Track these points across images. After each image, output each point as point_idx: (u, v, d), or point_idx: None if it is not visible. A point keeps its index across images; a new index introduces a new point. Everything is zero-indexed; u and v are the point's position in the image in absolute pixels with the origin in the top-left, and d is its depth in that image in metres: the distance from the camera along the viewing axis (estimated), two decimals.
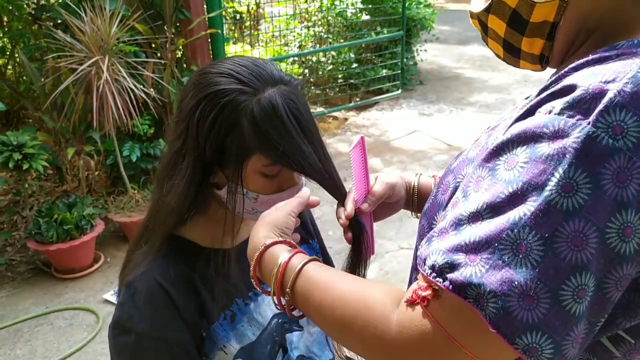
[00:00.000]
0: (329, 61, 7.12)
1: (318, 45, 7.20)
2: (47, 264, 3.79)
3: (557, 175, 0.57)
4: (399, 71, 7.34)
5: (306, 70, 7.05)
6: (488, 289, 0.58)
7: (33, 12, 4.36)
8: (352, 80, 7.12)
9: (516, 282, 0.57)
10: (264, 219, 0.90)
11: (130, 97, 3.47)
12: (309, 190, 0.98)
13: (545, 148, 0.58)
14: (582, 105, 0.58)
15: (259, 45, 6.90)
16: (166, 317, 0.97)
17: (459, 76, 8.45)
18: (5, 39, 4.96)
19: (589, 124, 0.56)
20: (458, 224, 0.63)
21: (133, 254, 1.05)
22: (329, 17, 7.18)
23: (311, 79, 6.90)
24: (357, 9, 7.15)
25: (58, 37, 3.43)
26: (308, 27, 7.32)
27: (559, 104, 0.60)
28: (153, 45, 4.22)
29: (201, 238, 1.05)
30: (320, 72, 7.08)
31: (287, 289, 0.78)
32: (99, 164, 4.36)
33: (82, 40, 3.41)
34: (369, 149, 6.05)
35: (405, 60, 7.40)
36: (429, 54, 8.50)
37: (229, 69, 0.93)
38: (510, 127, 0.65)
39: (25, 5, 4.60)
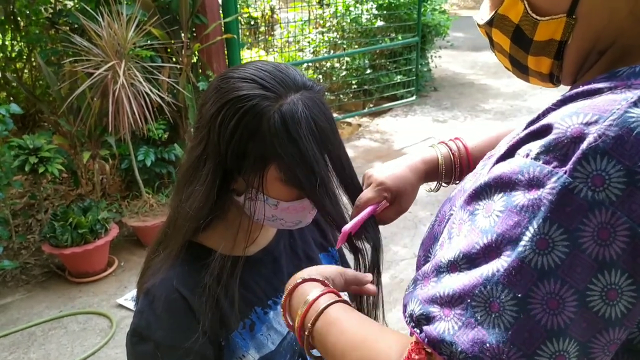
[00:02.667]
0: (343, 67, 7.12)
1: (332, 51, 7.20)
2: (62, 267, 3.80)
3: (531, 229, 0.52)
4: (414, 77, 7.33)
5: (320, 76, 7.05)
6: (459, 349, 0.54)
7: (50, 17, 4.41)
8: (366, 87, 7.11)
9: (487, 345, 0.53)
10: (314, 266, 0.88)
11: (145, 102, 3.48)
12: (374, 284, 0.96)
13: (521, 198, 0.54)
14: (559, 151, 0.52)
15: (273, 50, 6.91)
16: (185, 326, 0.95)
17: (474, 83, 8.41)
18: (22, 43, 5.01)
19: (565, 173, 0.51)
20: (438, 271, 0.60)
21: (151, 260, 1.04)
22: (344, 23, 7.18)
23: (325, 85, 6.90)
24: (372, 15, 7.14)
25: (75, 41, 3.45)
26: (322, 33, 7.32)
27: (535, 147, 0.54)
28: (169, 50, 4.24)
29: (220, 245, 1.03)
30: (334, 78, 7.08)
31: (308, 325, 0.75)
32: (113, 168, 4.37)
33: (98, 44, 3.43)
34: (382, 155, 6.06)
35: (419, 66, 7.38)
36: (443, 61, 8.48)
37: (252, 74, 0.91)
38: (492, 167, 0.61)
39: (42, 10, 4.65)
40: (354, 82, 7.09)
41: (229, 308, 1.00)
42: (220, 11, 4.60)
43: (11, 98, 4.92)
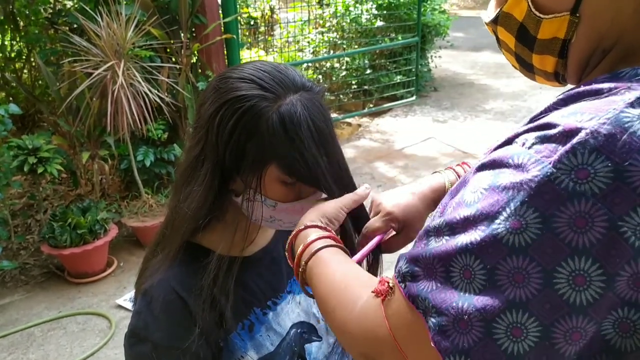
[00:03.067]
0: (343, 67, 7.12)
1: (332, 51, 7.20)
2: (61, 268, 3.80)
3: (508, 210, 0.55)
4: (413, 77, 7.33)
5: (320, 76, 7.05)
6: (432, 304, 0.59)
7: (50, 17, 4.41)
8: (366, 87, 7.11)
9: (454, 304, 0.57)
10: (316, 206, 0.92)
11: (145, 102, 3.48)
12: (370, 188, 0.99)
13: (505, 179, 0.57)
14: (551, 143, 0.55)
15: (273, 50, 6.91)
16: (183, 327, 0.95)
17: (474, 83, 8.42)
18: (21, 43, 5.01)
19: (550, 163, 0.54)
20: (427, 234, 0.64)
21: (149, 261, 1.04)
22: (344, 23, 7.18)
23: (325, 85, 6.90)
24: (372, 15, 7.14)
25: (74, 41, 3.45)
26: (322, 33, 7.32)
27: (531, 137, 0.58)
28: (168, 50, 4.23)
29: (218, 245, 1.02)
30: (334, 78, 7.08)
31: (302, 263, 0.83)
32: (113, 168, 4.38)
33: (98, 44, 3.43)
34: (382, 155, 6.07)
35: (419, 66, 7.38)
36: (443, 61, 8.48)
37: (250, 74, 0.91)
38: (492, 151, 0.64)
39: (42, 10, 4.65)
40: (353, 82, 7.09)
41: (227, 309, 0.99)
42: (220, 11, 4.60)
43: (10, 98, 4.92)
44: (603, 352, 0.58)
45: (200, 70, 4.52)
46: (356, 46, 7.16)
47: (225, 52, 4.78)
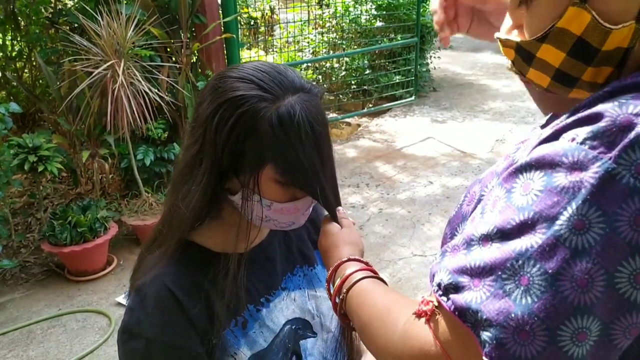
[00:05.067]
0: (343, 67, 7.12)
1: (332, 52, 7.20)
2: (61, 266, 3.81)
3: (569, 210, 0.54)
4: (413, 78, 7.33)
5: (320, 77, 7.06)
6: (485, 317, 0.57)
7: (50, 16, 4.42)
8: (365, 87, 7.11)
9: (513, 315, 0.55)
10: (350, 239, 0.99)
11: (145, 101, 3.49)
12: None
13: (562, 179, 0.55)
14: (607, 138, 0.53)
15: (272, 51, 6.92)
16: (175, 323, 0.96)
17: (473, 83, 8.42)
18: (22, 43, 5.02)
19: (610, 159, 0.52)
20: (469, 243, 0.62)
21: (144, 258, 1.05)
22: (343, 24, 7.19)
23: (324, 85, 6.91)
24: (371, 16, 7.15)
25: (74, 40, 3.47)
26: (322, 33, 7.33)
27: (582, 132, 0.55)
28: (168, 50, 4.25)
29: (213, 243, 1.04)
30: (333, 78, 7.08)
31: (343, 291, 0.87)
32: (113, 167, 4.38)
33: (98, 44, 3.44)
34: (381, 155, 6.07)
35: (418, 67, 7.38)
36: (442, 61, 8.49)
37: (249, 74, 0.91)
38: (534, 148, 0.62)
39: (42, 10, 4.66)
40: (353, 82, 7.10)
41: (221, 306, 1.00)
42: (220, 11, 4.61)
43: (11, 97, 4.93)
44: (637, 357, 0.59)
45: (200, 70, 4.53)
46: (356, 46, 7.17)
47: (225, 51, 4.79)
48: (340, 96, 7.03)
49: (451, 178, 5.13)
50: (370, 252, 3.94)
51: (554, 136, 0.60)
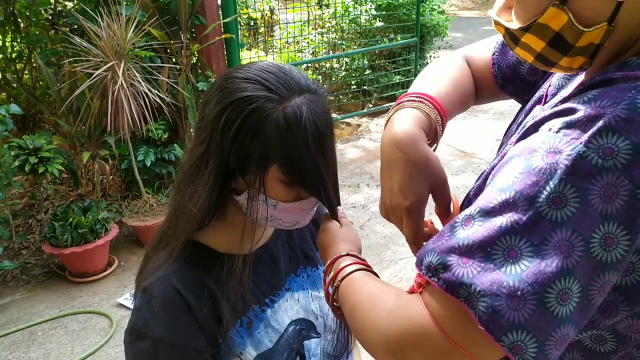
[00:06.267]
0: (343, 68, 7.13)
1: (332, 52, 7.21)
2: (62, 267, 3.82)
3: (548, 188, 0.61)
4: (412, 78, 7.32)
5: (320, 77, 7.06)
6: (478, 289, 0.62)
7: (50, 18, 4.42)
8: (365, 87, 7.12)
9: (505, 284, 0.61)
10: (348, 236, 1.00)
11: (145, 102, 3.49)
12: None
13: (539, 161, 0.63)
14: (579, 127, 0.62)
15: (272, 51, 6.92)
16: (182, 324, 0.96)
17: None
18: (22, 44, 5.02)
19: (581, 143, 0.61)
20: (453, 227, 0.68)
21: (150, 259, 1.04)
22: (343, 24, 7.19)
23: (324, 86, 6.90)
24: (371, 16, 7.15)
25: (75, 42, 3.46)
26: (322, 34, 7.33)
27: (558, 122, 0.64)
28: (168, 51, 4.25)
29: (218, 243, 1.04)
30: (333, 79, 7.09)
31: (336, 282, 0.90)
32: (113, 168, 4.39)
33: (98, 45, 3.44)
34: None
35: (418, 67, 7.38)
36: None
37: (256, 74, 0.91)
38: (517, 142, 0.71)
39: (42, 11, 4.66)
40: (353, 82, 7.10)
41: (226, 306, 1.01)
42: (220, 12, 4.62)
43: (11, 99, 4.93)
44: (613, 291, 0.67)
45: (200, 71, 4.53)
46: (355, 47, 7.17)
47: (225, 52, 4.79)
48: (340, 96, 7.03)
49: (452, 178, 5.13)
50: (371, 252, 3.94)
51: (534, 128, 0.68)
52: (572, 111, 0.64)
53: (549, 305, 0.60)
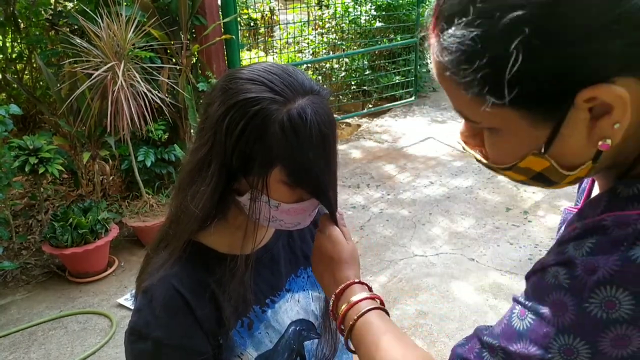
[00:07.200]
0: (343, 68, 7.13)
1: (332, 52, 7.21)
2: (62, 267, 3.82)
3: (558, 341, 0.63)
4: (412, 78, 7.34)
5: (320, 77, 7.07)
6: None
7: (50, 18, 4.42)
8: (365, 87, 7.12)
9: None
10: (355, 254, 1.01)
11: (145, 103, 3.49)
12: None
13: (548, 312, 0.64)
14: (579, 281, 0.62)
15: (272, 52, 6.92)
16: (183, 325, 0.96)
17: None
18: (22, 45, 5.02)
19: (583, 299, 0.61)
20: (481, 343, 0.71)
21: (151, 259, 1.04)
22: (343, 24, 7.20)
23: (325, 86, 6.90)
24: (371, 16, 7.16)
25: (75, 42, 3.46)
26: (322, 34, 7.34)
27: (561, 273, 0.64)
28: (168, 51, 4.25)
29: (219, 244, 1.04)
30: (333, 79, 7.09)
31: (349, 323, 0.90)
32: (113, 168, 4.39)
33: (98, 45, 3.44)
34: (381, 155, 6.08)
35: (418, 67, 7.39)
36: None
37: (260, 75, 0.91)
38: (531, 275, 0.71)
39: (42, 12, 4.66)
40: (353, 82, 7.11)
41: (227, 307, 1.00)
42: (220, 12, 4.62)
43: (12, 99, 4.93)
44: None
45: (200, 71, 4.53)
46: (355, 47, 7.17)
47: (225, 53, 4.79)
48: (340, 97, 7.03)
49: (452, 178, 5.14)
50: (371, 252, 3.94)
51: (543, 268, 0.68)
52: (572, 263, 0.64)
53: None
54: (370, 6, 7.18)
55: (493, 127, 0.68)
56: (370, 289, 0.96)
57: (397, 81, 7.18)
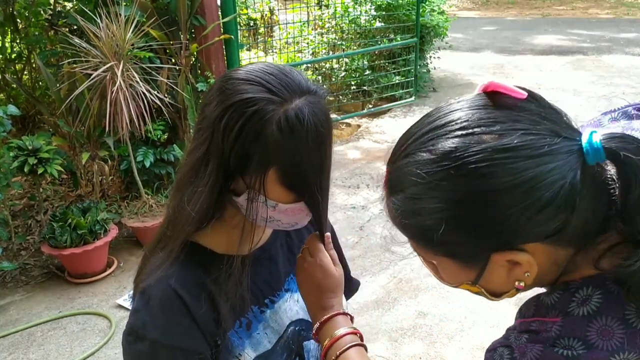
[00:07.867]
0: (342, 68, 7.13)
1: (331, 52, 7.21)
2: (61, 268, 3.81)
3: None
4: (412, 78, 7.34)
5: (319, 77, 7.07)
6: None
7: (49, 18, 4.42)
8: (365, 87, 7.12)
9: None
10: (340, 286, 1.08)
11: (144, 103, 3.49)
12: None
13: None
14: (515, 359, 0.73)
15: (272, 52, 6.92)
16: (181, 325, 0.96)
17: (472, 83, 8.41)
18: (22, 45, 5.02)
19: None
20: None
21: (148, 260, 1.04)
22: (343, 24, 7.20)
23: (324, 86, 6.91)
24: (371, 16, 7.16)
25: (74, 42, 3.46)
26: (322, 34, 7.34)
27: (505, 353, 0.75)
28: (167, 51, 4.24)
29: (217, 244, 1.04)
30: (333, 79, 7.09)
31: (335, 354, 0.99)
32: (113, 169, 4.39)
33: (97, 45, 3.44)
34: (381, 156, 6.12)
35: (418, 67, 7.39)
36: (442, 61, 8.49)
37: (257, 76, 0.91)
38: (486, 354, 0.80)
39: (42, 12, 4.66)
40: (353, 83, 7.11)
41: (225, 307, 1.00)
42: (219, 12, 4.61)
43: (11, 99, 4.93)
44: None
45: (199, 71, 4.53)
46: (355, 47, 7.17)
47: (224, 53, 4.79)
48: (340, 97, 7.03)
49: None
50: (370, 253, 3.94)
51: (493, 348, 0.79)
52: (510, 347, 0.75)
53: None
54: (370, 6, 7.18)
55: (433, 262, 0.84)
56: (352, 319, 1.06)
57: (396, 81, 7.18)
